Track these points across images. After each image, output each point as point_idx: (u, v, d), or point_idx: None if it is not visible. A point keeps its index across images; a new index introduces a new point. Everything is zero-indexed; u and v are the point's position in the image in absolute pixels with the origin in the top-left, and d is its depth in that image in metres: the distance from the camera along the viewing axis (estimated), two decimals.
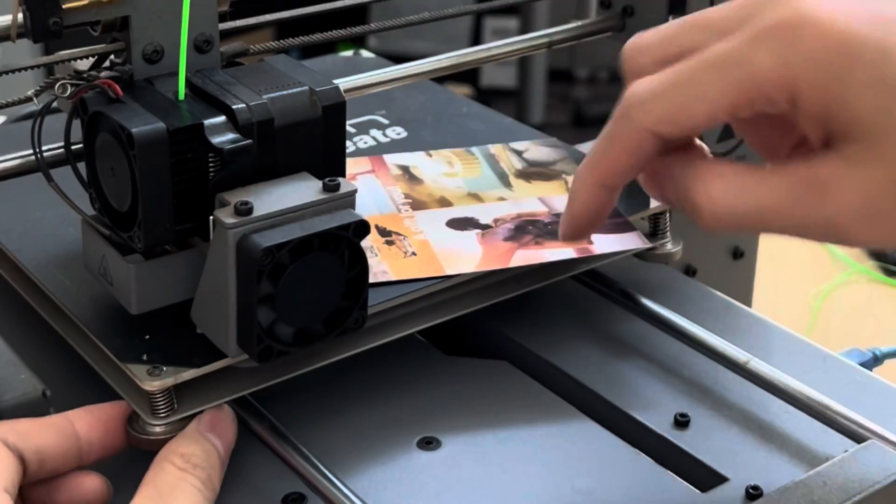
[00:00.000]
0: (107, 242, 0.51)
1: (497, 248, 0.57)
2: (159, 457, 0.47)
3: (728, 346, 0.57)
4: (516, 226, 0.59)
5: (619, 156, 0.46)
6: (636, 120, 0.45)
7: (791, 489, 0.49)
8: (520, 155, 0.66)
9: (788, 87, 0.43)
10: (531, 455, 0.52)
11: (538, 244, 0.57)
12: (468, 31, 2.75)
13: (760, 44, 0.43)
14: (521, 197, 0.62)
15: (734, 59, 0.43)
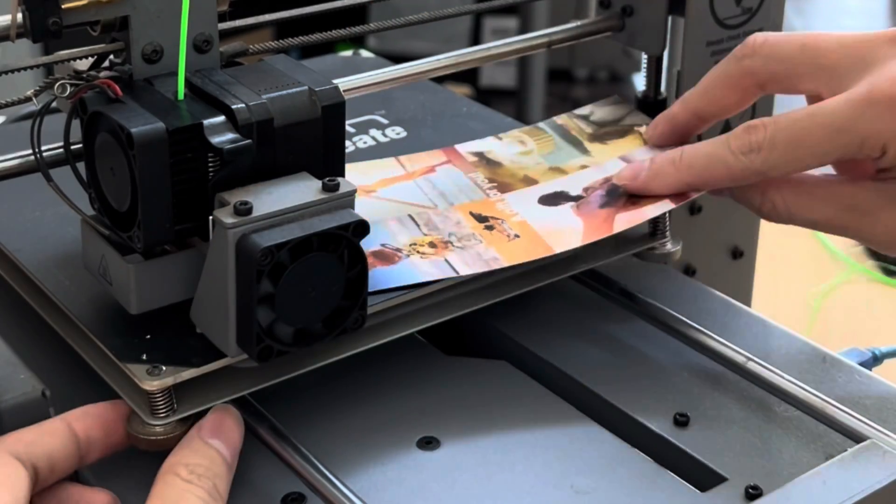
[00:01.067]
0: (106, 242, 0.51)
1: (596, 217, 0.57)
2: (163, 469, 0.46)
3: (728, 346, 0.57)
4: (607, 190, 0.58)
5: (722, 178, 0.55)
6: (754, 163, 0.54)
7: (791, 489, 0.49)
8: (587, 119, 0.66)
9: (882, 146, 0.52)
10: (531, 455, 0.52)
11: (635, 203, 0.57)
12: (468, 31, 2.75)
13: (864, 111, 0.52)
14: (602, 160, 0.61)
15: (840, 124, 0.52)
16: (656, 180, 0.57)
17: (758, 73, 0.56)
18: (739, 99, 0.58)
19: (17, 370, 0.51)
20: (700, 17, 0.66)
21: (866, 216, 0.54)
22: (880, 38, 0.54)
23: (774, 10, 0.69)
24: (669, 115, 0.60)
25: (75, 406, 0.49)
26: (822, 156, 0.53)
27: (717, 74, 0.58)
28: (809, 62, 0.55)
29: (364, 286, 0.49)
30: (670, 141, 0.60)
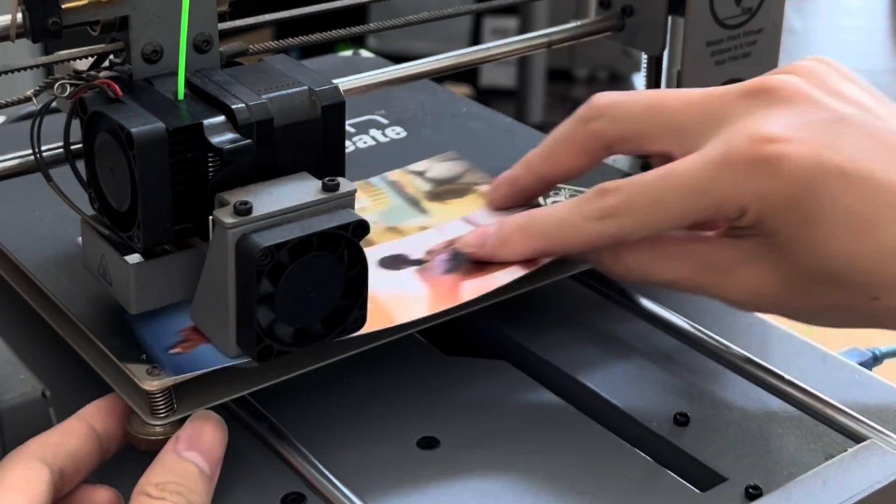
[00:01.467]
0: (106, 242, 0.51)
1: (442, 284, 0.53)
2: (135, 490, 0.45)
3: (728, 345, 0.57)
4: (451, 255, 0.55)
5: (575, 244, 0.53)
6: (609, 228, 0.52)
7: (791, 489, 0.49)
8: (422, 176, 0.63)
9: (740, 208, 0.50)
10: (531, 455, 0.52)
11: (482, 269, 0.54)
12: (467, 30, 2.75)
13: (721, 173, 0.50)
14: (442, 221, 0.58)
15: (697, 187, 0.50)
16: (505, 248, 0.54)
17: (604, 135, 0.54)
18: (586, 162, 0.56)
19: (17, 370, 0.51)
20: (700, 17, 0.66)
21: (723, 275, 0.51)
22: (730, 94, 0.52)
23: (774, 10, 0.69)
24: (512, 177, 0.57)
25: (75, 406, 0.49)
26: (678, 219, 0.51)
27: (561, 137, 0.56)
28: (657, 122, 0.53)
29: (364, 286, 0.49)
30: (512, 204, 0.58)
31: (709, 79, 0.68)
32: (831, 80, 0.52)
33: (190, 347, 0.48)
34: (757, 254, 0.51)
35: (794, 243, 0.49)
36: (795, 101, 0.51)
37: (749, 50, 0.69)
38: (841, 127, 0.50)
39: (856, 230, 0.48)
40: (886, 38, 3.68)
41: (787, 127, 0.49)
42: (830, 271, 0.49)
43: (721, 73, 0.68)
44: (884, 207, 0.48)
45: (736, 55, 0.68)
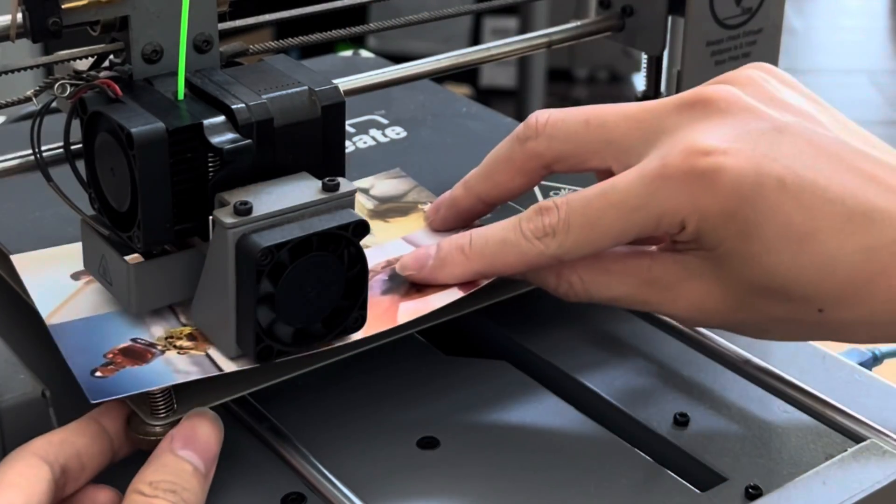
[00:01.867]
0: (106, 242, 0.51)
1: (378, 305, 0.52)
2: (129, 489, 0.46)
3: (728, 345, 0.57)
4: (390, 276, 0.54)
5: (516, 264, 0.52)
6: (549, 248, 0.51)
7: (791, 489, 0.49)
8: (367, 193, 0.61)
9: (679, 223, 0.49)
10: (531, 455, 0.52)
11: (419, 291, 0.53)
12: (468, 30, 2.75)
13: (658, 188, 0.49)
14: (382, 240, 0.57)
15: (634, 203, 0.50)
16: (444, 270, 0.53)
17: (542, 154, 0.53)
18: (525, 182, 0.55)
19: (17, 370, 0.51)
20: (700, 17, 0.66)
21: (666, 290, 0.51)
22: (666, 107, 0.51)
23: (774, 10, 0.69)
24: (451, 198, 0.57)
25: (75, 406, 0.49)
26: (617, 236, 0.50)
27: (499, 157, 0.55)
28: (595, 138, 0.52)
29: (364, 286, 0.49)
30: (452, 226, 0.57)
31: (709, 79, 0.68)
32: (770, 87, 0.52)
33: (113, 371, 0.48)
34: (699, 268, 0.50)
35: (734, 257, 0.49)
36: (732, 112, 0.50)
37: (749, 50, 0.69)
38: (780, 136, 0.49)
39: (796, 242, 0.48)
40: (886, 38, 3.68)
41: (724, 138, 0.48)
42: (773, 284, 0.49)
43: (721, 73, 0.68)
44: (824, 218, 0.47)
45: (736, 55, 0.68)
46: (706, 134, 0.49)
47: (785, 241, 0.48)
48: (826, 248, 0.48)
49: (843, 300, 0.48)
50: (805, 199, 0.48)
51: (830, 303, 0.48)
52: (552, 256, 0.51)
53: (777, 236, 0.48)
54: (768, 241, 0.48)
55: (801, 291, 0.48)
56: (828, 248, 0.48)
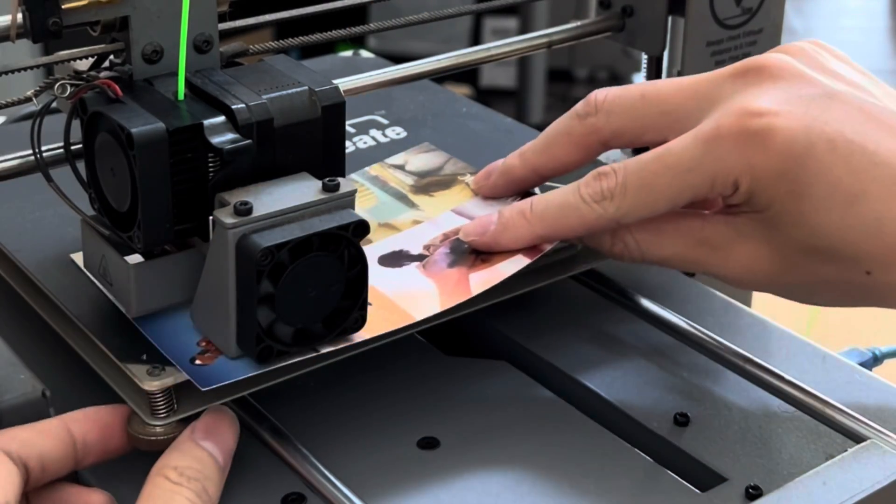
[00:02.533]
0: (106, 242, 0.51)
1: (449, 278, 0.53)
2: (153, 471, 0.46)
3: (728, 345, 0.57)
4: (451, 248, 0.55)
5: (577, 227, 0.54)
6: (608, 211, 0.52)
7: (791, 489, 0.49)
8: (402, 169, 0.62)
9: (733, 184, 0.50)
10: (531, 455, 0.52)
11: (485, 261, 0.54)
12: (468, 31, 2.75)
13: (711, 149, 0.50)
14: (433, 214, 0.58)
15: (688, 164, 0.51)
16: (506, 234, 0.54)
17: (601, 130, 0.55)
18: (582, 157, 0.56)
19: (17, 370, 0.51)
20: (700, 18, 0.66)
21: (717, 250, 0.52)
22: (721, 76, 0.52)
23: (774, 10, 0.69)
24: (506, 167, 0.58)
25: (75, 406, 0.49)
26: (673, 198, 0.51)
27: (558, 132, 0.56)
28: (652, 111, 0.53)
29: (364, 286, 0.49)
30: (504, 193, 0.58)
31: None
32: (823, 58, 0.53)
33: (212, 359, 0.48)
34: (751, 230, 0.51)
35: (784, 217, 0.50)
36: (785, 77, 0.51)
37: (749, 50, 0.69)
38: (830, 101, 0.50)
39: (845, 202, 0.49)
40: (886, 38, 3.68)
41: (776, 101, 0.50)
42: (821, 244, 0.50)
43: None
44: (873, 180, 0.49)
45: (736, 55, 0.68)
46: (759, 97, 0.50)
47: (833, 202, 0.49)
48: (873, 209, 0.49)
49: (890, 262, 0.49)
50: (854, 161, 0.49)
51: (878, 264, 0.49)
52: (611, 219, 0.53)
53: (826, 196, 0.49)
54: (817, 200, 0.49)
55: (848, 252, 0.49)
56: (875, 209, 0.49)
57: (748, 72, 0.52)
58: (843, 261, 0.50)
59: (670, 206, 0.52)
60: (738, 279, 0.53)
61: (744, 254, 0.52)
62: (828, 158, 0.49)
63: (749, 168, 0.49)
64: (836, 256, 0.50)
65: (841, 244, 0.49)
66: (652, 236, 0.53)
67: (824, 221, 0.49)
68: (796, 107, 0.50)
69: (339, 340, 0.49)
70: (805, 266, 0.51)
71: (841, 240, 0.49)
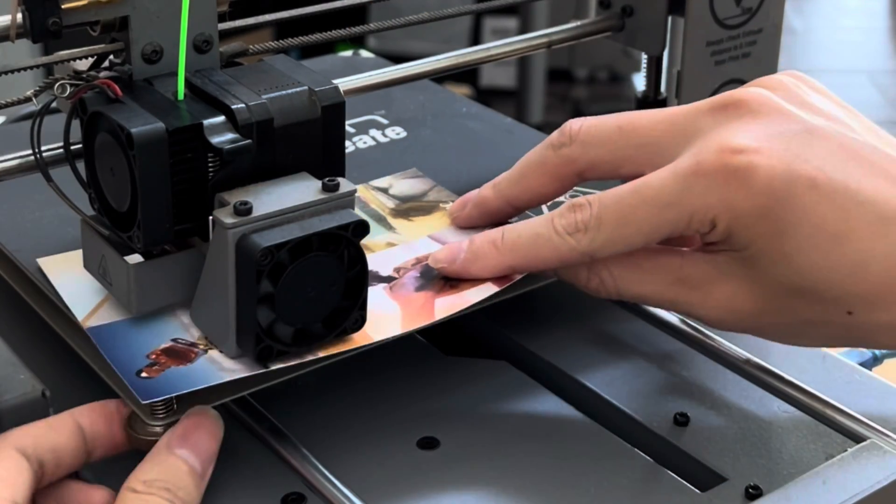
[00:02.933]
0: (106, 242, 0.51)
1: (414, 301, 0.53)
2: (123, 486, 0.46)
3: (727, 345, 0.57)
4: (421, 272, 0.55)
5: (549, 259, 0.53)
6: (581, 243, 0.51)
7: (791, 489, 0.49)
8: (386, 192, 0.62)
9: (711, 220, 0.49)
10: (531, 455, 0.52)
11: (453, 287, 0.54)
12: (467, 31, 2.75)
13: (691, 185, 0.49)
14: (409, 238, 0.57)
15: (666, 199, 0.50)
16: (477, 263, 0.53)
17: (576, 161, 0.53)
18: (557, 188, 0.55)
19: (17, 370, 0.51)
20: (700, 17, 0.66)
21: (696, 289, 0.51)
22: (699, 109, 0.51)
23: (774, 10, 0.69)
24: (480, 198, 0.57)
25: (75, 406, 0.49)
26: (649, 233, 0.50)
27: (532, 162, 0.55)
28: (628, 143, 0.52)
29: (364, 286, 0.49)
30: (478, 224, 0.57)
31: (709, 79, 0.68)
32: (801, 92, 0.52)
33: (159, 371, 0.48)
34: (731, 269, 0.50)
35: (766, 256, 0.49)
36: (764, 113, 0.50)
37: (749, 50, 0.69)
38: (811, 138, 0.49)
39: (827, 242, 0.48)
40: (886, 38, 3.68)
41: (757, 138, 0.49)
42: (804, 284, 0.49)
43: (721, 73, 0.68)
44: (855, 219, 0.48)
45: (736, 55, 0.68)
46: (739, 133, 0.49)
47: (817, 242, 0.48)
48: (858, 249, 0.48)
49: (873, 302, 0.48)
50: (837, 200, 0.48)
51: (861, 304, 0.48)
52: (584, 252, 0.52)
53: (809, 236, 0.48)
54: (800, 240, 0.48)
55: (832, 292, 0.49)
56: (859, 249, 0.48)
57: (727, 106, 0.51)
58: (826, 301, 0.49)
59: (646, 240, 0.51)
60: (718, 320, 0.52)
61: (723, 293, 0.51)
62: (810, 197, 0.48)
63: (728, 206, 0.48)
64: (818, 296, 0.49)
65: (824, 284, 0.48)
66: (629, 273, 0.52)
67: (807, 261, 0.48)
68: (777, 144, 0.49)
69: (292, 358, 0.49)
70: (786, 306, 0.50)
71: (824, 280, 0.48)
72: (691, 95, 0.68)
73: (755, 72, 0.70)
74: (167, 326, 0.50)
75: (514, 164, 0.56)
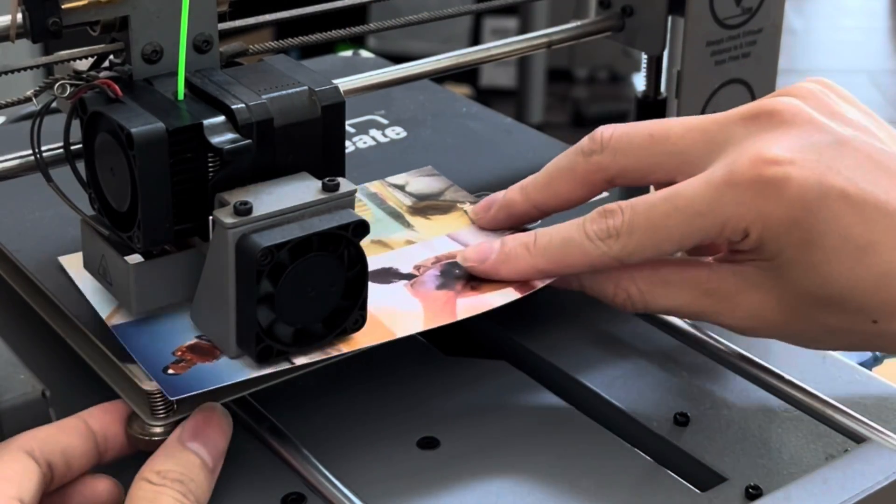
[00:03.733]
0: (106, 242, 0.51)
1: (436, 300, 0.53)
2: (137, 476, 0.46)
3: (727, 345, 0.57)
4: (441, 271, 0.55)
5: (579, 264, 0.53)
6: (612, 249, 0.52)
7: (791, 489, 0.49)
8: (402, 189, 0.62)
9: (743, 230, 0.50)
10: (531, 455, 0.52)
11: (474, 289, 0.54)
12: (467, 31, 2.75)
13: (723, 195, 0.50)
14: (427, 236, 0.57)
15: (699, 208, 0.50)
16: (507, 265, 0.54)
17: (607, 168, 0.54)
18: (586, 194, 0.55)
19: (17, 370, 0.51)
20: (700, 17, 0.66)
21: (725, 300, 0.51)
22: (731, 119, 0.52)
23: (774, 10, 0.69)
24: (507, 201, 0.57)
25: (75, 406, 0.49)
26: (680, 240, 0.51)
27: (562, 168, 0.55)
28: (660, 151, 0.53)
29: (364, 286, 0.49)
30: (503, 226, 0.57)
31: (709, 79, 0.68)
32: (831, 101, 0.52)
33: (186, 368, 0.48)
34: (758, 279, 0.51)
35: (794, 266, 0.49)
36: (797, 124, 0.51)
37: (749, 50, 0.69)
38: (842, 149, 0.50)
39: (856, 253, 0.48)
40: (886, 38, 3.68)
41: (790, 149, 0.49)
42: (830, 294, 0.49)
43: (721, 73, 0.68)
44: (884, 231, 0.48)
45: (736, 55, 0.68)
46: (773, 144, 0.50)
47: (845, 252, 0.49)
48: (884, 260, 0.48)
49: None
50: (866, 211, 0.48)
51: (886, 314, 0.49)
52: (615, 258, 0.52)
53: (837, 246, 0.49)
54: (828, 250, 0.49)
55: (857, 302, 0.49)
56: (886, 260, 0.48)
57: (759, 116, 0.51)
58: (851, 310, 0.49)
59: (677, 248, 0.51)
60: (746, 328, 0.52)
61: (751, 303, 0.51)
62: (840, 208, 0.48)
63: (761, 215, 0.49)
64: (844, 306, 0.49)
65: (850, 294, 0.49)
66: (656, 286, 0.53)
67: (835, 271, 0.49)
68: (810, 155, 0.49)
69: (314, 353, 0.49)
70: (812, 315, 0.50)
71: (851, 290, 0.49)
72: (691, 95, 0.68)
73: (756, 72, 0.70)
74: (192, 324, 0.51)
75: (518, 164, 0.56)
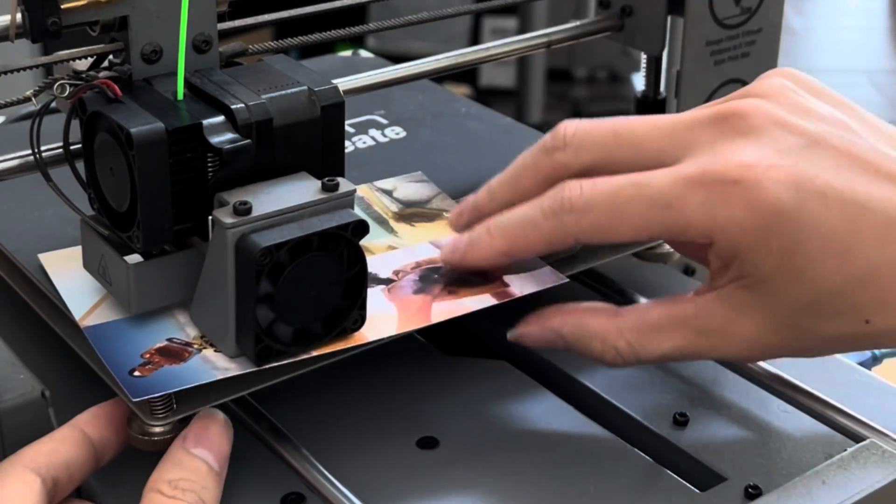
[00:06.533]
0: (106, 242, 0.51)
1: (411, 304, 0.52)
2: (147, 488, 0.46)
3: None
4: (420, 276, 0.55)
5: (536, 241, 0.52)
6: (567, 225, 0.50)
7: (790, 489, 0.49)
8: (390, 195, 0.61)
9: (709, 233, 0.49)
10: (531, 455, 0.52)
11: (451, 293, 0.54)
12: (467, 30, 2.75)
13: (693, 191, 0.49)
14: (410, 243, 0.57)
15: (666, 199, 0.49)
16: (473, 251, 0.53)
17: (570, 165, 0.52)
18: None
19: (17, 370, 0.51)
20: (699, 17, 0.66)
21: (718, 336, 0.50)
22: (698, 119, 0.50)
23: (774, 10, 0.69)
24: (475, 204, 0.55)
25: (75, 406, 0.49)
26: (639, 228, 0.49)
27: (525, 166, 0.53)
28: (625, 148, 0.51)
29: (364, 286, 0.49)
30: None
31: (708, 79, 0.68)
32: (800, 98, 0.51)
33: (152, 370, 0.48)
34: (744, 303, 0.49)
35: (778, 277, 0.48)
36: (765, 129, 0.49)
37: (748, 50, 0.69)
38: (816, 149, 0.48)
39: (839, 252, 0.47)
40: (886, 38, 3.68)
41: (762, 156, 0.48)
42: (819, 299, 0.48)
43: (720, 73, 0.68)
44: (866, 227, 0.47)
45: (735, 55, 0.68)
46: (745, 150, 0.48)
47: (829, 253, 0.47)
48: (869, 256, 0.47)
49: (887, 307, 0.48)
50: (847, 210, 0.47)
51: (877, 311, 0.48)
52: (569, 234, 0.50)
53: (820, 249, 0.47)
54: (811, 254, 0.47)
55: (847, 302, 0.48)
56: (871, 256, 0.47)
57: (728, 118, 0.50)
58: (844, 312, 0.48)
59: (633, 236, 0.50)
60: (745, 357, 0.51)
61: (745, 332, 0.49)
62: (819, 211, 0.47)
63: (730, 223, 0.48)
64: (834, 308, 0.48)
65: (840, 295, 0.48)
66: (644, 335, 0.51)
67: (820, 275, 0.47)
68: (784, 159, 0.48)
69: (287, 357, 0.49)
70: (806, 327, 0.49)
71: (840, 290, 0.48)
72: (691, 95, 0.68)
73: (755, 71, 0.69)
74: (163, 326, 0.50)
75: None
